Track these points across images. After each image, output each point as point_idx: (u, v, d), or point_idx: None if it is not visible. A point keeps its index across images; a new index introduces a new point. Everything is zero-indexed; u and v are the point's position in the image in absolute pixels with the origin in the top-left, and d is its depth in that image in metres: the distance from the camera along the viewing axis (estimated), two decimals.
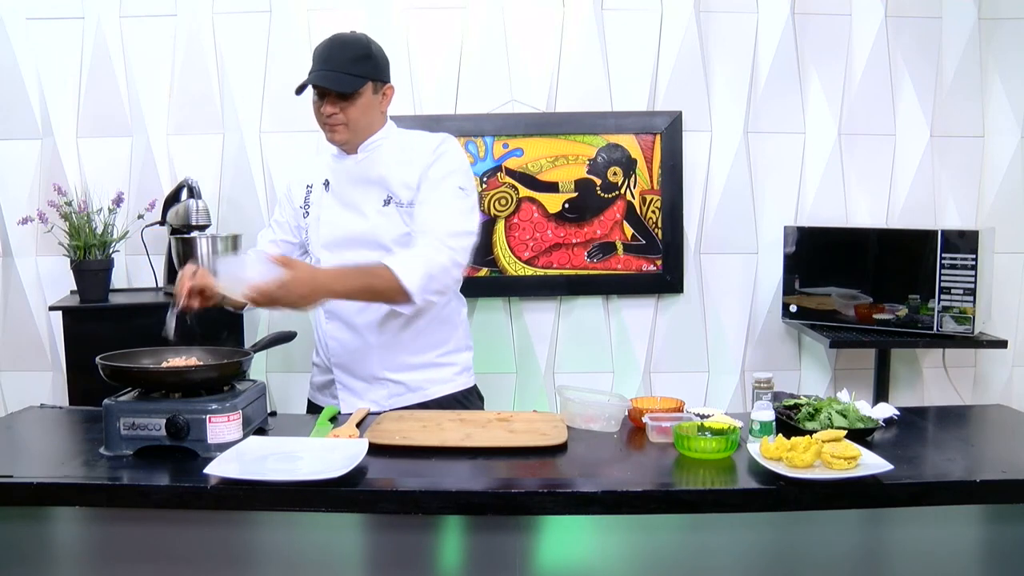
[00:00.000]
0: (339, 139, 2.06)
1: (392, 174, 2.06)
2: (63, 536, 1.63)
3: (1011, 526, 1.59)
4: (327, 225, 2.11)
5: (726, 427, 1.67)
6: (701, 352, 3.15)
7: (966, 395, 3.20)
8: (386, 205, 2.06)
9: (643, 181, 3.06)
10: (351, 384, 2.13)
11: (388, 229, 2.04)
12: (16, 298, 3.08)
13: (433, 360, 2.13)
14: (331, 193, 2.12)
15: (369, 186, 2.07)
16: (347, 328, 2.10)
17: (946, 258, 2.72)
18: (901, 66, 3.07)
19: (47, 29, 3.00)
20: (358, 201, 2.08)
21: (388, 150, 2.10)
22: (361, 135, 2.07)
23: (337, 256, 2.08)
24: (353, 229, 2.07)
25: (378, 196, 2.06)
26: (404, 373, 2.10)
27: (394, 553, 1.60)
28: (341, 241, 2.09)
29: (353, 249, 2.06)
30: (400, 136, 2.13)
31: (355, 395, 2.12)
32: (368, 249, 2.04)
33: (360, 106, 2.02)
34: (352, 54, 1.99)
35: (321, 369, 2.22)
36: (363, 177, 2.09)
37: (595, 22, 3.02)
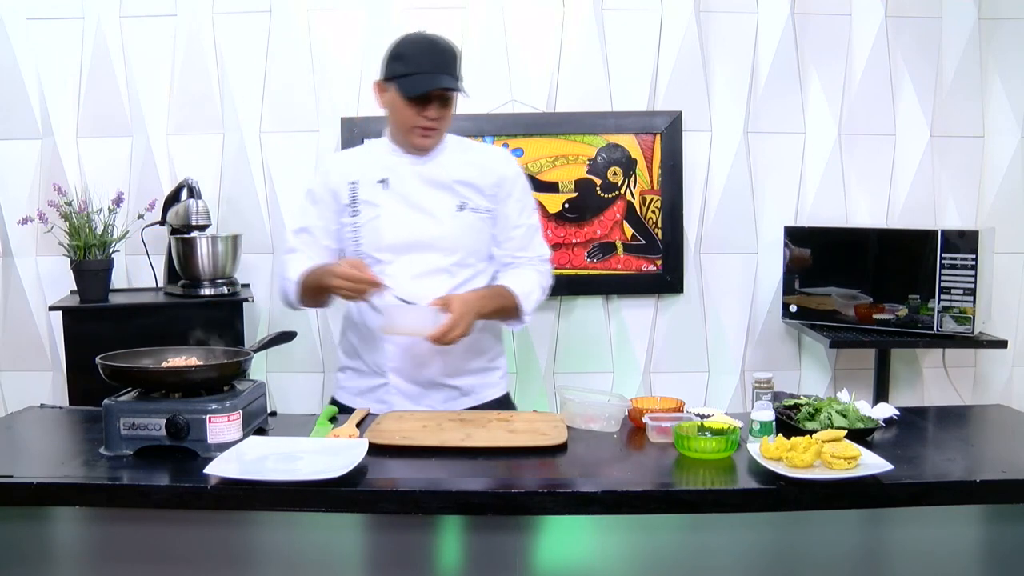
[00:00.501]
0: (431, 144, 2.03)
1: (464, 179, 2.05)
2: (63, 536, 1.63)
3: (1011, 526, 1.59)
4: (392, 226, 2.04)
5: (726, 427, 1.67)
6: (701, 352, 3.15)
7: (966, 395, 3.20)
8: (460, 210, 2.05)
9: (643, 181, 3.06)
10: (406, 389, 2.07)
11: (463, 235, 2.05)
12: (16, 298, 3.08)
13: (484, 365, 2.14)
14: (392, 192, 2.05)
15: (441, 189, 2.05)
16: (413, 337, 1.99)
17: (946, 258, 2.72)
18: (901, 66, 3.07)
19: (47, 29, 3.00)
20: (428, 204, 2.04)
21: (453, 153, 2.08)
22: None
23: (402, 259, 2.03)
24: (425, 232, 2.03)
25: (451, 200, 2.04)
26: (460, 378, 2.09)
27: (394, 553, 1.60)
28: (410, 244, 2.03)
29: (421, 252, 2.02)
30: (456, 141, 2.12)
31: (410, 400, 2.07)
32: (439, 253, 2.03)
33: (452, 109, 2.01)
34: (454, 56, 1.99)
35: (365, 374, 2.13)
36: (433, 179, 2.05)
37: (595, 22, 3.02)
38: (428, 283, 2.01)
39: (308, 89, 3.04)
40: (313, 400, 3.12)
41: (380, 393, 2.10)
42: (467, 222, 2.05)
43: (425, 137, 2.01)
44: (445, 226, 2.04)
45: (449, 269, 2.04)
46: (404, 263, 2.03)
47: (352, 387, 2.16)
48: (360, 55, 3.03)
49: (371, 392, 2.12)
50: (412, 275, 2.01)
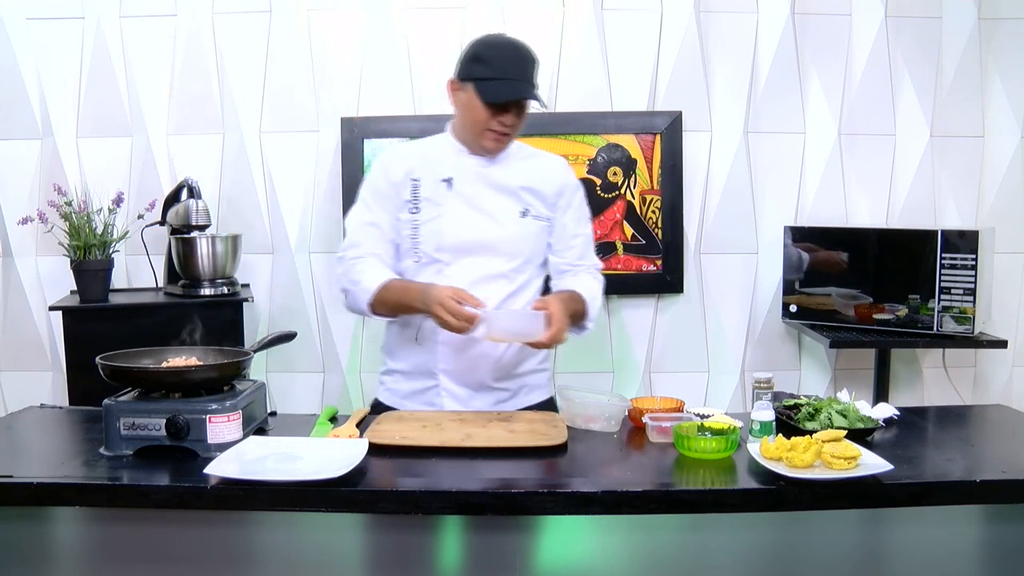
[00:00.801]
0: (501, 148, 2.01)
1: (529, 186, 2.04)
2: (63, 536, 1.63)
3: (1011, 526, 1.59)
4: (454, 227, 2.00)
5: (726, 427, 1.67)
6: (701, 352, 3.15)
7: (966, 395, 3.20)
8: (523, 216, 2.03)
9: (643, 181, 3.06)
10: (457, 391, 2.04)
11: (524, 241, 2.04)
12: (16, 298, 3.08)
13: (535, 367, 2.12)
14: (456, 192, 2.01)
15: (505, 194, 2.03)
16: (468, 339, 1.95)
17: (946, 258, 2.72)
18: (901, 66, 3.07)
19: (47, 29, 3.00)
20: (492, 207, 2.02)
21: (516, 158, 2.07)
22: None
23: (462, 262, 2.00)
24: (488, 236, 2.01)
25: (514, 206, 2.03)
26: (510, 381, 2.07)
27: (394, 553, 1.60)
28: (471, 246, 2.00)
29: (483, 255, 2.01)
30: (517, 145, 2.09)
31: (459, 402, 2.04)
32: (500, 258, 2.02)
33: (526, 115, 1.99)
34: (535, 65, 1.96)
35: (413, 376, 2.09)
36: (499, 183, 2.03)
37: (595, 22, 3.02)
38: (486, 288, 1.98)
39: (308, 89, 3.04)
40: (313, 400, 3.12)
41: (430, 395, 2.07)
42: (529, 229, 2.04)
43: (497, 142, 1.98)
44: (507, 231, 2.02)
45: (507, 274, 2.03)
46: (463, 266, 2.00)
47: (399, 389, 2.12)
48: (360, 55, 3.03)
49: (420, 394, 2.09)
50: (471, 279, 1.98)
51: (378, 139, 3.01)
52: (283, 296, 3.10)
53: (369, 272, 2.01)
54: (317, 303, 3.11)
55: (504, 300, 2.01)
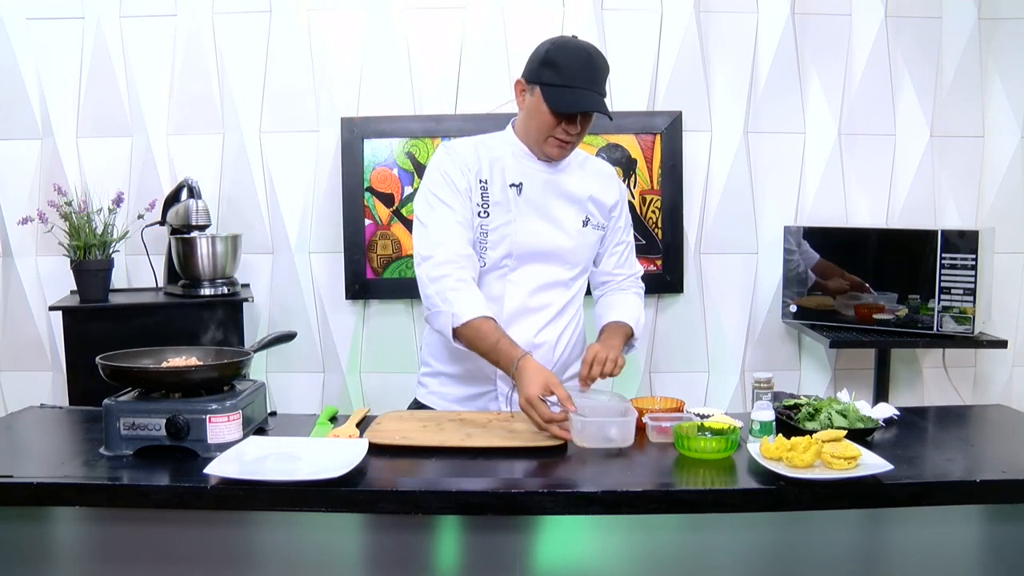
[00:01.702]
0: (564, 156, 1.99)
1: (590, 194, 2.04)
2: (63, 536, 1.63)
3: (1011, 526, 1.59)
4: (525, 234, 1.98)
5: (726, 427, 1.67)
6: (701, 352, 3.15)
7: (966, 395, 3.20)
8: (585, 226, 2.03)
9: (643, 181, 3.06)
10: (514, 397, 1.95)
11: (586, 249, 2.06)
12: (16, 298, 3.08)
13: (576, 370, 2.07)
14: (525, 199, 1.98)
15: (570, 202, 2.02)
16: (527, 344, 1.94)
17: (946, 258, 2.72)
18: (901, 66, 3.07)
19: (47, 29, 3.00)
20: (559, 215, 2.01)
21: (577, 166, 2.07)
22: None
23: (526, 268, 1.99)
24: (555, 244, 2.00)
25: (577, 214, 2.03)
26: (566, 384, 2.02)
27: (394, 553, 1.60)
28: (538, 254, 1.99)
29: (547, 263, 2.00)
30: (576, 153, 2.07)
31: (513, 406, 1.96)
32: (563, 266, 2.02)
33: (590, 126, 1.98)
34: (606, 74, 1.94)
35: (464, 380, 2.06)
36: (565, 191, 2.02)
37: (595, 22, 3.02)
38: (546, 295, 2.01)
39: (308, 89, 3.04)
40: (313, 400, 3.12)
41: (485, 400, 2.05)
42: (589, 238, 2.05)
43: (561, 149, 1.95)
44: (572, 240, 2.02)
45: (567, 282, 2.05)
46: (527, 272, 2.00)
47: (448, 393, 2.08)
48: (360, 55, 3.03)
49: (473, 400, 2.06)
50: (533, 286, 2.00)
51: (378, 139, 3.01)
52: (283, 296, 3.10)
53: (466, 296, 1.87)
54: (317, 303, 3.11)
55: (564, 306, 2.03)
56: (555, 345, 2.05)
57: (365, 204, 3.03)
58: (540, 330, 2.01)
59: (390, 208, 3.03)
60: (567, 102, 1.87)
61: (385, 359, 3.10)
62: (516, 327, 1.97)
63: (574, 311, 2.09)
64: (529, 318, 2.00)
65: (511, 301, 1.99)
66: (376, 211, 3.04)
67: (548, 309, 2.02)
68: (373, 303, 3.10)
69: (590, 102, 1.88)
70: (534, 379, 1.73)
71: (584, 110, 1.89)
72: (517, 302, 1.99)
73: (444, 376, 2.09)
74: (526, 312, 2.00)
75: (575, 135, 1.93)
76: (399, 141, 3.02)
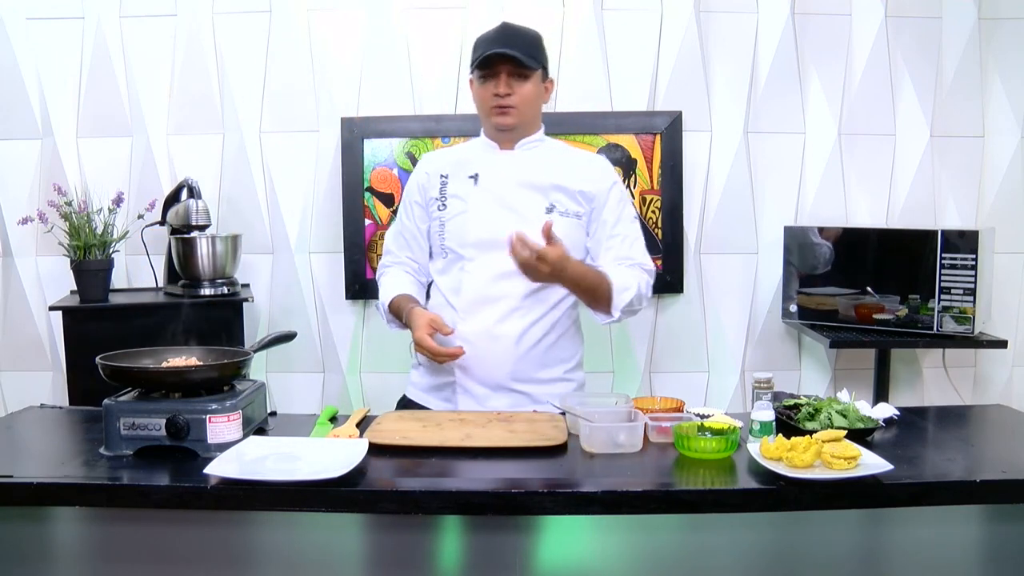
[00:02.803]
0: (509, 122, 2.01)
1: (555, 181, 2.04)
2: (63, 536, 1.63)
3: (1011, 526, 1.59)
4: (480, 222, 2.02)
5: (726, 427, 1.67)
6: (701, 352, 3.15)
7: (966, 395, 3.20)
8: (549, 212, 2.02)
9: (643, 181, 3.06)
10: (473, 389, 2.05)
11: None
12: (16, 298, 3.08)
13: (559, 375, 2.09)
14: (481, 188, 2.04)
15: (530, 189, 2.04)
16: (486, 335, 2.00)
17: (946, 258, 2.72)
18: (901, 66, 3.07)
19: (47, 29, 3.00)
20: (517, 203, 2.02)
21: (546, 154, 2.08)
22: (526, 126, 2.05)
23: (485, 257, 2.01)
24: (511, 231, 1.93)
25: (540, 202, 2.03)
26: (531, 385, 2.05)
27: (394, 553, 1.60)
28: (494, 242, 1.98)
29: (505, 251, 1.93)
30: (554, 143, 2.12)
31: (476, 401, 2.04)
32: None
33: (531, 90, 2.00)
34: (528, 37, 2.01)
35: (435, 371, 2.10)
36: (523, 179, 2.04)
37: (595, 22, 3.02)
38: (507, 284, 2.00)
39: (308, 89, 3.04)
40: (313, 400, 3.12)
41: (447, 392, 2.09)
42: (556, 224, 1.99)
43: (501, 114, 1.99)
44: (532, 227, 1.94)
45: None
46: (486, 261, 2.01)
47: (421, 383, 2.14)
48: (360, 55, 3.03)
49: (438, 390, 2.11)
50: (493, 275, 2.01)
51: (378, 139, 3.01)
52: (283, 296, 3.10)
53: (385, 286, 2.12)
54: (317, 303, 3.11)
55: (525, 296, 2.01)
56: (518, 339, 2.02)
57: (365, 204, 3.03)
58: (499, 321, 2.01)
59: (390, 208, 3.03)
60: (476, 56, 2.00)
61: (385, 359, 3.10)
62: (475, 317, 2.01)
63: (546, 308, 2.04)
64: (487, 308, 2.02)
65: (468, 291, 2.02)
66: (376, 211, 3.04)
67: (507, 299, 2.01)
68: (373, 303, 3.10)
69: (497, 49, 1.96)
70: (419, 323, 1.95)
71: (489, 53, 1.96)
72: (474, 292, 2.02)
73: (422, 367, 2.16)
74: (484, 302, 2.02)
75: (506, 95, 1.98)
76: (399, 141, 3.02)
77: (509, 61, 1.95)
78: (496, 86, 1.98)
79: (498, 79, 1.98)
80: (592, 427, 1.69)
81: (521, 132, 2.06)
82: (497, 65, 1.97)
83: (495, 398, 2.04)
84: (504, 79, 1.97)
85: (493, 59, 1.96)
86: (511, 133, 2.04)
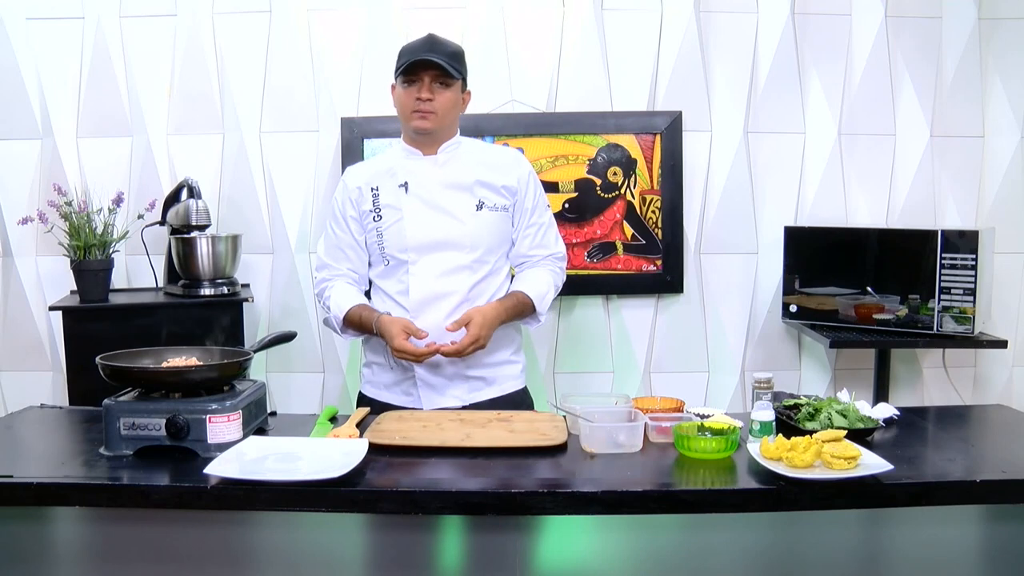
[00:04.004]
0: (428, 126, 2.09)
1: (481, 179, 2.14)
2: (63, 536, 1.63)
3: (1011, 526, 1.59)
4: (416, 227, 2.12)
5: (726, 427, 1.67)
6: (701, 352, 3.15)
7: (966, 395, 3.20)
8: (479, 210, 2.13)
9: (643, 181, 3.06)
10: (433, 381, 2.14)
11: (484, 234, 2.13)
12: (16, 298, 3.08)
13: (507, 358, 2.21)
14: (412, 195, 2.13)
15: (458, 190, 2.14)
16: (439, 330, 2.06)
17: (946, 258, 2.72)
18: (901, 66, 3.07)
19: (47, 29, 3.00)
20: (447, 204, 2.12)
21: (467, 154, 2.18)
22: (445, 131, 2.14)
23: (428, 259, 2.11)
24: (447, 233, 2.11)
25: (469, 200, 2.13)
26: (483, 369, 2.16)
27: (394, 553, 1.60)
28: (433, 244, 2.11)
29: (444, 251, 2.11)
30: (471, 143, 2.23)
31: (436, 392, 2.14)
32: (460, 252, 2.11)
33: (451, 98, 2.09)
34: (451, 49, 2.09)
35: (391, 368, 2.19)
36: (450, 181, 2.14)
37: (595, 22, 3.02)
38: (451, 280, 2.11)
39: (308, 89, 3.04)
40: (313, 400, 3.12)
41: (406, 386, 2.17)
42: (486, 220, 2.13)
43: (421, 119, 2.08)
44: (466, 225, 2.12)
45: (470, 266, 2.13)
46: (427, 262, 2.12)
47: (378, 381, 2.22)
48: (360, 55, 3.03)
49: (397, 385, 2.18)
50: (436, 273, 2.11)
51: (378, 139, 3.01)
52: (283, 296, 3.10)
53: (336, 297, 2.17)
54: (317, 303, 3.10)
55: (470, 289, 2.12)
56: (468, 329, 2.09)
57: None
58: (449, 314, 2.10)
59: None
60: (402, 63, 2.06)
61: None
62: (425, 315, 2.10)
63: (489, 295, 2.15)
64: (436, 305, 2.11)
65: (416, 292, 2.12)
66: None
67: (455, 295, 2.11)
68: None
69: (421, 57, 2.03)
70: (393, 330, 2.02)
71: (414, 60, 2.03)
72: (422, 292, 2.11)
73: (375, 365, 2.23)
74: (432, 300, 2.11)
75: (427, 100, 2.05)
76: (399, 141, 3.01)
77: (433, 67, 2.04)
78: (419, 91, 2.06)
79: (421, 84, 2.06)
80: (592, 427, 1.70)
81: (440, 137, 2.15)
82: (421, 72, 2.05)
83: (453, 386, 2.14)
84: (427, 85, 2.06)
85: (418, 65, 2.04)
86: (429, 138, 2.13)
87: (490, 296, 2.15)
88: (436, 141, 2.15)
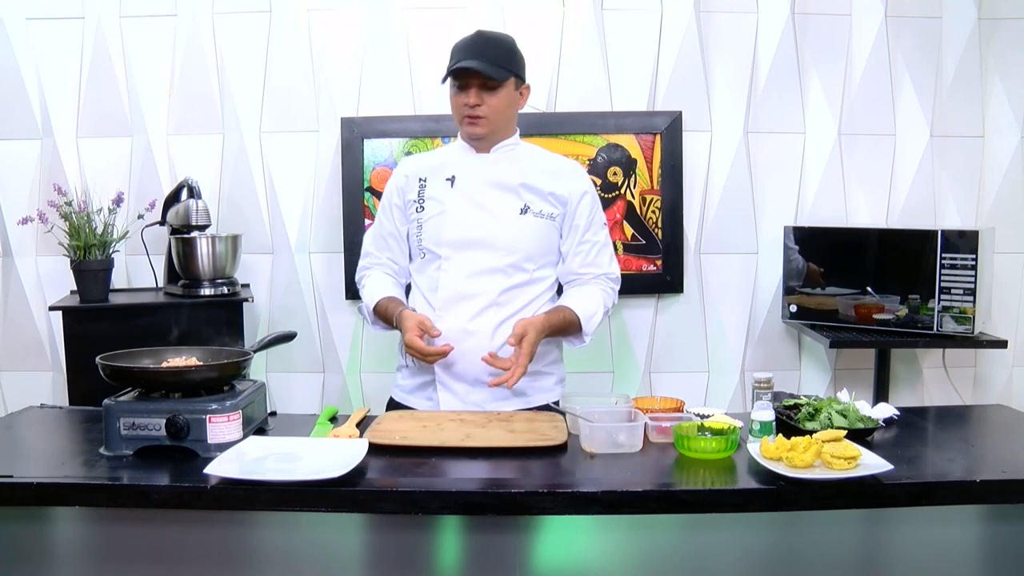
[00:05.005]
0: (479, 132, 2.05)
1: (529, 183, 2.08)
2: (63, 536, 1.63)
3: (1011, 526, 1.59)
4: (456, 223, 2.07)
5: (726, 427, 1.67)
6: (701, 352, 3.15)
7: (966, 395, 3.20)
8: (523, 214, 2.07)
9: (643, 181, 3.06)
10: (453, 386, 2.08)
11: (525, 238, 2.07)
12: (16, 298, 3.08)
13: (539, 368, 2.11)
14: (457, 190, 2.09)
15: (504, 191, 2.08)
16: (461, 332, 2.03)
17: (946, 258, 2.72)
18: (901, 66, 3.07)
19: (47, 29, 3.00)
20: (491, 204, 2.08)
21: (521, 157, 2.13)
22: (499, 132, 2.09)
23: (460, 256, 2.07)
24: (485, 232, 2.06)
25: (514, 203, 2.08)
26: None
27: (394, 553, 1.60)
28: (471, 242, 2.06)
29: (479, 251, 2.06)
30: (530, 148, 2.17)
31: (456, 396, 2.07)
32: (497, 253, 2.06)
33: (502, 99, 2.03)
34: (499, 47, 2.03)
35: (416, 371, 2.14)
36: (498, 180, 2.09)
37: (595, 22, 3.02)
38: (480, 282, 2.06)
39: (308, 89, 3.04)
40: (313, 400, 3.12)
41: (429, 391, 2.12)
42: (529, 226, 2.07)
43: (472, 124, 2.04)
44: (506, 227, 2.06)
45: (504, 269, 2.07)
46: (462, 259, 2.07)
47: (405, 384, 2.18)
48: (360, 55, 3.03)
49: (421, 390, 2.14)
50: (468, 273, 2.06)
51: (378, 139, 3.01)
52: (283, 296, 3.10)
53: (369, 287, 2.16)
54: (317, 303, 3.11)
55: (500, 293, 2.05)
56: (491, 335, 2.05)
57: (365, 204, 3.03)
58: (473, 317, 2.05)
59: None
60: (449, 67, 2.02)
61: (385, 359, 3.09)
62: (450, 314, 2.05)
63: (521, 304, 2.08)
64: (462, 305, 2.06)
65: (444, 289, 2.07)
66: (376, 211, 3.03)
67: (482, 296, 2.05)
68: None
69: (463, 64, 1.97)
70: (408, 325, 1.98)
71: (454, 68, 1.99)
72: (451, 290, 2.06)
73: (405, 368, 2.20)
74: (460, 299, 2.06)
75: (474, 105, 2.01)
76: (399, 141, 3.02)
77: (477, 74, 1.99)
78: (468, 97, 2.02)
79: (468, 90, 2.01)
80: (592, 427, 1.70)
81: (495, 138, 2.10)
82: (467, 77, 2.00)
83: (476, 392, 2.07)
84: (474, 91, 2.01)
85: (463, 72, 1.99)
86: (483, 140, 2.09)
87: (522, 305, 2.07)
88: (491, 141, 2.10)
